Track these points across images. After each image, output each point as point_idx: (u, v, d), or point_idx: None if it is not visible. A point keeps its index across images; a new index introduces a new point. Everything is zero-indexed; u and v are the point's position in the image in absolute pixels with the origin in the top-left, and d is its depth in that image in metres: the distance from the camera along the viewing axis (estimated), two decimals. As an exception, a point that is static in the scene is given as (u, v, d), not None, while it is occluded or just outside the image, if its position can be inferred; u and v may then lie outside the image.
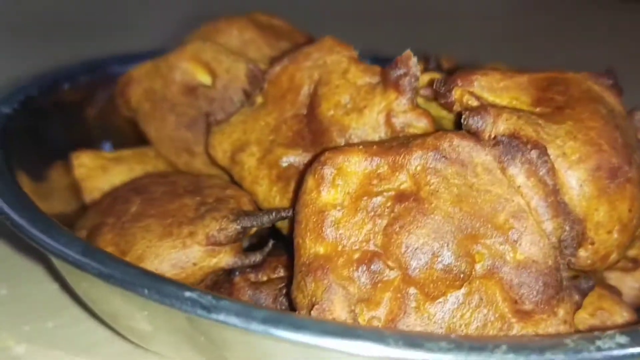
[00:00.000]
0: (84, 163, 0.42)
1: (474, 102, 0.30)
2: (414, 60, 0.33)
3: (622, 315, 0.32)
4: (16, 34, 0.88)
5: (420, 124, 0.33)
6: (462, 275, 0.26)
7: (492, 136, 0.28)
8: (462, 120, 0.29)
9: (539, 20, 1.19)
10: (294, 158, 0.34)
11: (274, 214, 0.30)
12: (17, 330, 0.37)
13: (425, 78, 0.37)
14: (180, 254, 0.30)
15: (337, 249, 0.26)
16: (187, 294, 0.21)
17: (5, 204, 0.28)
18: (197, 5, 0.94)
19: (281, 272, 0.32)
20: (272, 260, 0.33)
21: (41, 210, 0.28)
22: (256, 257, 0.31)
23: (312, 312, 0.25)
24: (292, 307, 0.28)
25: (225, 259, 0.31)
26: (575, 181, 0.28)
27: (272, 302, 0.30)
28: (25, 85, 0.41)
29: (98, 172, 0.42)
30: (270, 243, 0.32)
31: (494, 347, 0.20)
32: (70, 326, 0.38)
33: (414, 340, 0.20)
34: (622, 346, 0.22)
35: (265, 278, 0.32)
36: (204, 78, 0.42)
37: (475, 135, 0.28)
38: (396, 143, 0.28)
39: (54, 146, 0.44)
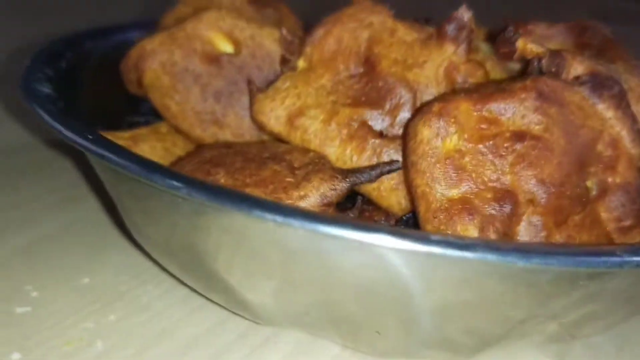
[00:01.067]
0: (104, 146, 0.39)
1: (538, 49, 0.33)
2: (469, 14, 0.35)
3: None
4: None
5: (480, 72, 0.35)
6: (583, 200, 0.29)
7: (574, 77, 0.31)
8: (538, 65, 0.32)
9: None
10: (363, 116, 0.35)
11: (382, 166, 0.31)
12: (81, 327, 0.34)
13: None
14: (296, 219, 0.29)
15: (471, 191, 0.28)
16: (434, 237, 0.22)
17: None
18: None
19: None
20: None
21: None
22: (355, 214, 0.32)
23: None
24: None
25: (330, 219, 0.31)
26: (643, 110, 0.32)
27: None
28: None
29: (122, 153, 0.39)
30: (360, 199, 0.33)
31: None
32: (132, 316, 0.35)
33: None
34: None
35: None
36: (227, 47, 0.40)
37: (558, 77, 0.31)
38: (493, 89, 0.30)
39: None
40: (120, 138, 0.40)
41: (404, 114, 0.34)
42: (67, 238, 0.42)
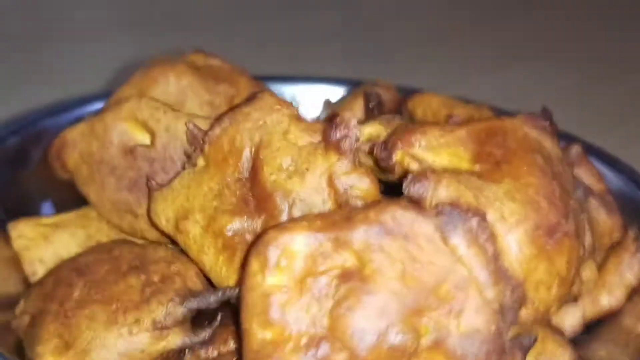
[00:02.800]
0: (24, 233, 0.41)
1: (414, 165, 0.31)
2: (353, 122, 0.33)
3: (565, 358, 0.33)
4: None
5: (363, 185, 0.33)
6: (408, 351, 0.26)
7: (434, 204, 0.28)
8: (403, 188, 0.29)
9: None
10: (238, 225, 0.34)
11: (220, 293, 0.30)
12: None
13: (366, 131, 0.37)
14: (128, 343, 0.29)
15: (285, 335, 0.26)
16: None
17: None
18: (133, 51, 0.89)
19: (231, 344, 0.32)
20: (222, 331, 0.32)
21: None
22: (206, 334, 0.31)
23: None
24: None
25: (173, 340, 0.30)
26: (514, 244, 0.28)
27: (226, 381, 0.30)
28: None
29: (39, 241, 0.41)
30: (219, 316, 0.32)
31: None
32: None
33: None
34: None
35: (216, 353, 0.32)
36: (143, 137, 0.41)
37: (417, 204, 0.28)
38: (339, 217, 0.28)
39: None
40: (43, 225, 0.42)
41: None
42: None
